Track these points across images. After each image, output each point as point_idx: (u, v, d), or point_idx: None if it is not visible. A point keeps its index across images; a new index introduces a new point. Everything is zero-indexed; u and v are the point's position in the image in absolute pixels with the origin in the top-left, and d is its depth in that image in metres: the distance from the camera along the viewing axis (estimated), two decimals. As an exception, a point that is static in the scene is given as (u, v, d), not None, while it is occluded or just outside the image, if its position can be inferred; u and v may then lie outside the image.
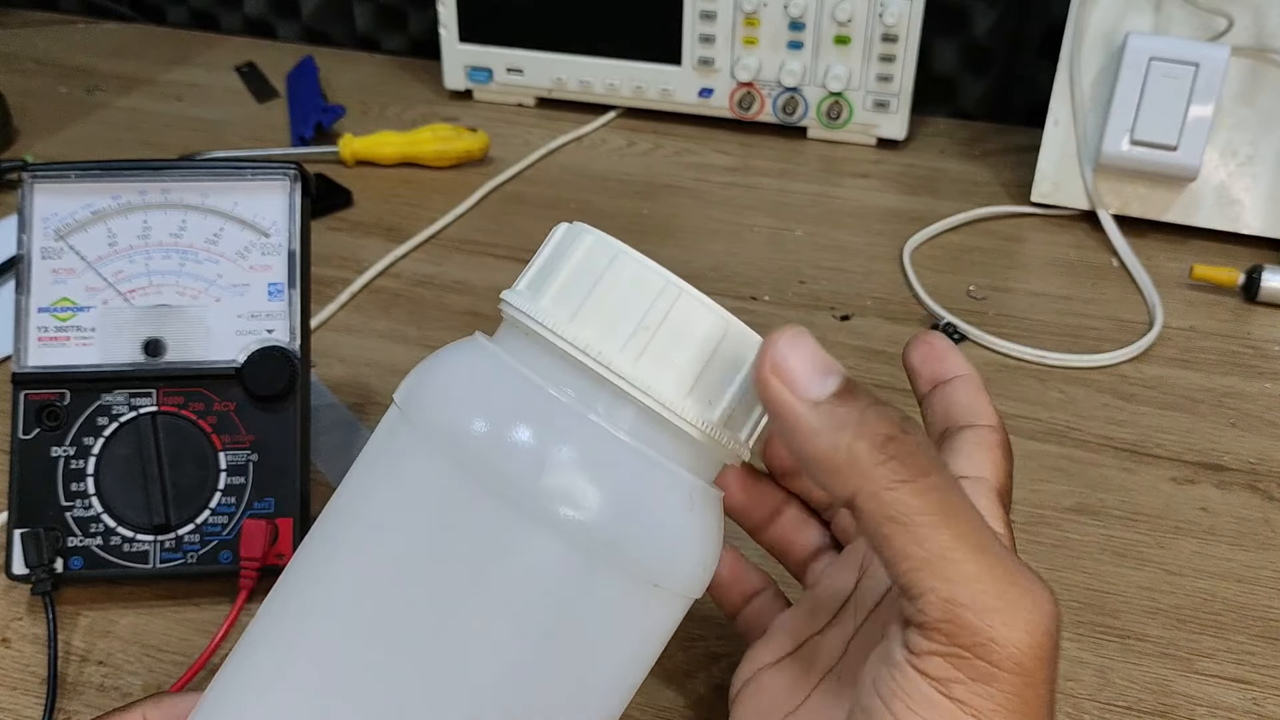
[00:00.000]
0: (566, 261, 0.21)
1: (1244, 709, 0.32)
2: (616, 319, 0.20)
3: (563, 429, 0.19)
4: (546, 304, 0.21)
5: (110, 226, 0.35)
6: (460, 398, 0.20)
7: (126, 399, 0.35)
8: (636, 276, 0.20)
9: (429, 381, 0.21)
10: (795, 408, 0.18)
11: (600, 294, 0.20)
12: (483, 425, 0.19)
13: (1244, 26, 0.52)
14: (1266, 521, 0.39)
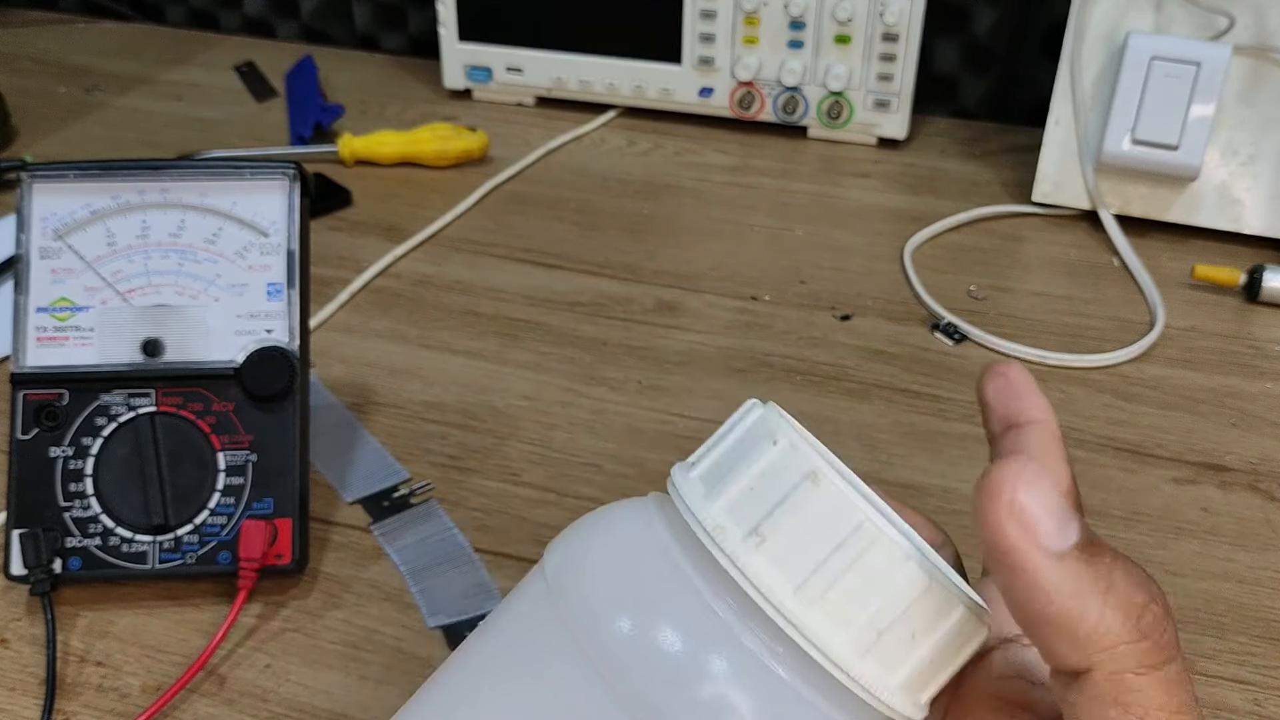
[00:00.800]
0: (750, 463, 0.17)
1: (1245, 710, 0.32)
2: (796, 551, 0.17)
3: (714, 650, 0.16)
4: (718, 511, 0.17)
5: (109, 226, 0.35)
6: (612, 592, 0.17)
7: (125, 399, 0.35)
8: (831, 503, 0.17)
9: (582, 560, 0.18)
10: (1035, 559, 0.15)
11: (782, 516, 0.17)
12: (628, 626, 0.17)
13: (1245, 26, 0.52)
14: (1268, 522, 0.39)
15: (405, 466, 0.41)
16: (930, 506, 0.39)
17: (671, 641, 0.16)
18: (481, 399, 0.44)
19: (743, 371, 0.46)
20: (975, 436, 0.43)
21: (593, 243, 0.55)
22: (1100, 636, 0.15)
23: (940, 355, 0.47)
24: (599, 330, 0.49)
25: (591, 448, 0.42)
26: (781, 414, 0.18)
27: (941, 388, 0.45)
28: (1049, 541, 0.15)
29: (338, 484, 0.40)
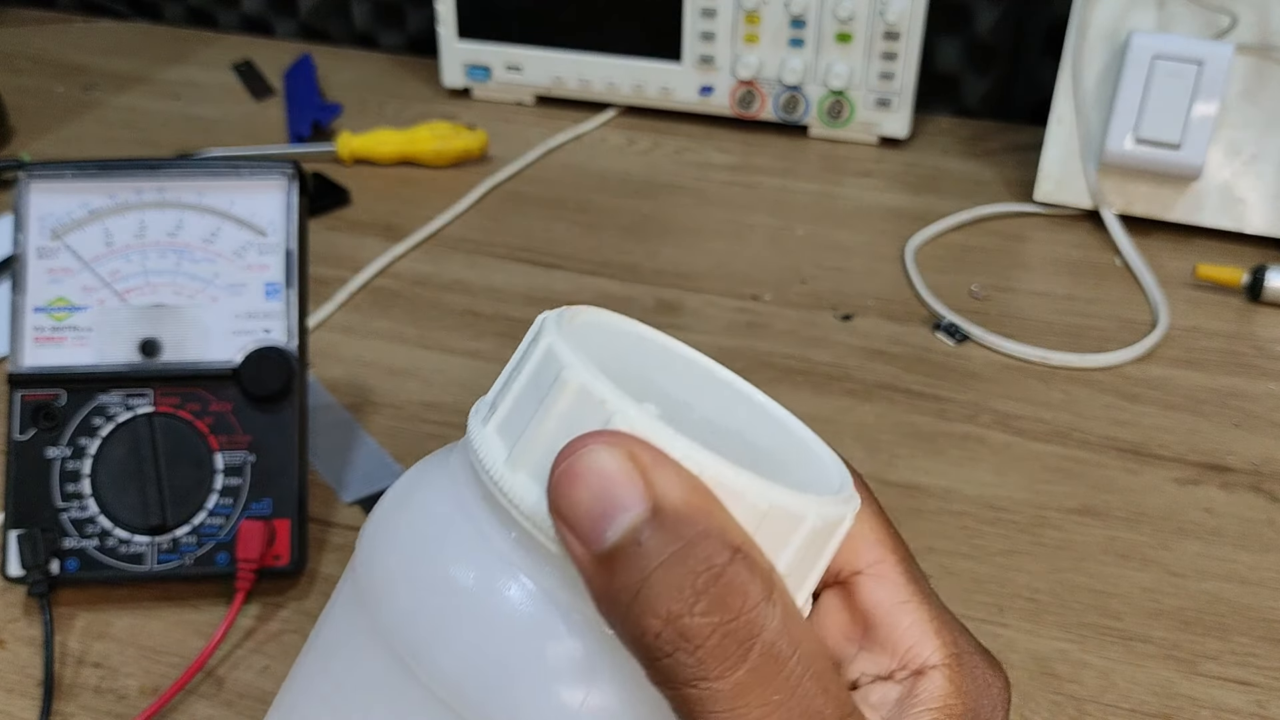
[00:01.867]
0: (514, 378, 0.16)
1: (1248, 711, 0.32)
2: (515, 418, 0.16)
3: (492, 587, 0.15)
4: (490, 433, 0.16)
5: (107, 226, 0.35)
6: (396, 566, 0.17)
7: (123, 399, 0.34)
8: (578, 397, 0.15)
9: (376, 544, 0.17)
10: (584, 564, 0.14)
11: (538, 424, 0.15)
12: (408, 592, 0.16)
13: (1248, 24, 0.51)
14: (1270, 523, 0.39)
15: (404, 466, 0.40)
16: (931, 507, 0.39)
17: (451, 578, 0.16)
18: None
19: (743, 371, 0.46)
20: (977, 437, 0.42)
21: (593, 242, 0.55)
22: (633, 643, 0.13)
23: (942, 355, 0.47)
24: (599, 330, 0.48)
25: (591, 448, 0.42)
26: (552, 323, 0.16)
27: (943, 388, 0.45)
28: (592, 545, 0.13)
29: (336, 484, 0.40)
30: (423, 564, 0.16)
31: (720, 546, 0.13)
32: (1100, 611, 0.35)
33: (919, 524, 0.38)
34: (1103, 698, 0.32)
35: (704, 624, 0.13)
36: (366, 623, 0.17)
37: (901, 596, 0.18)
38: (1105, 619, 0.35)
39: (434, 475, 0.18)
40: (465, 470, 0.17)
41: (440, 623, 0.16)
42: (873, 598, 0.17)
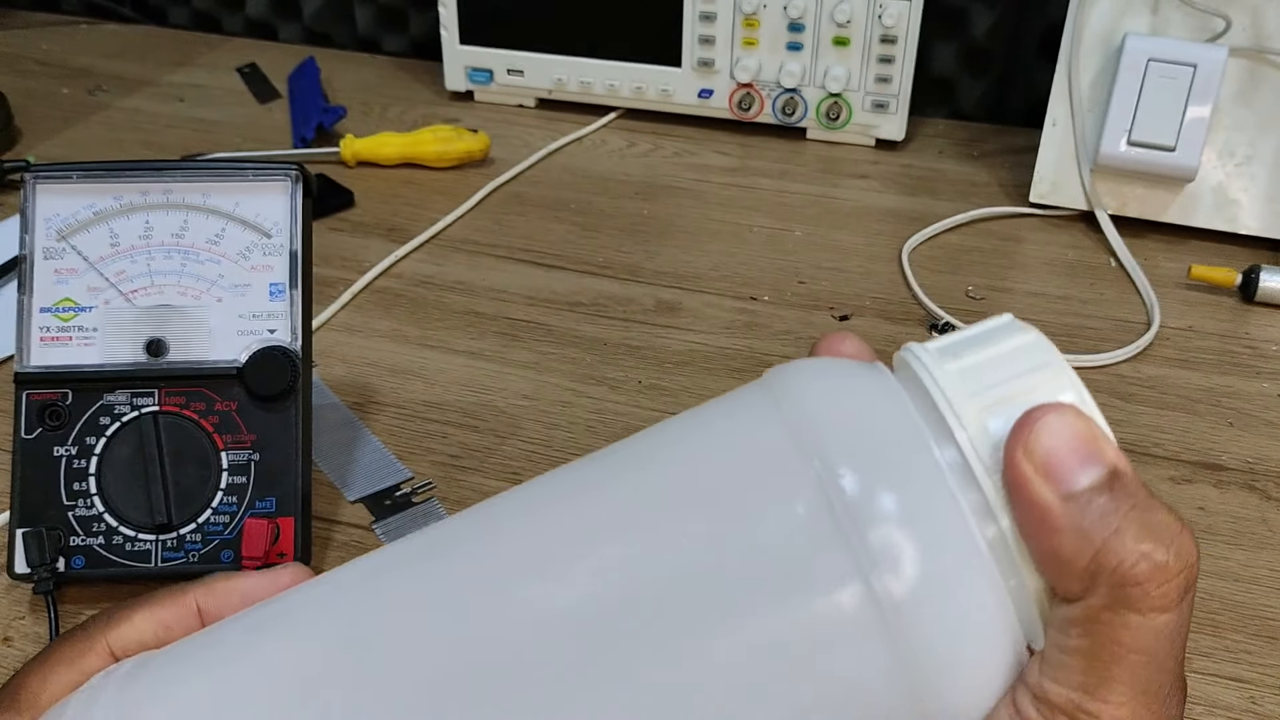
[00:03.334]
0: (993, 346, 0.18)
1: (1242, 707, 0.32)
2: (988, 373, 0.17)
3: (923, 492, 0.16)
4: (948, 370, 0.18)
5: (112, 227, 0.35)
6: (839, 404, 0.18)
7: (128, 399, 0.35)
8: (1035, 347, 0.18)
9: (813, 379, 0.19)
10: (1046, 497, 0.15)
11: (1011, 383, 0.17)
12: (845, 434, 0.17)
13: (1241, 28, 0.52)
14: (1264, 521, 0.39)
15: (407, 465, 0.41)
16: (928, 505, 0.39)
17: (887, 466, 0.17)
18: (482, 398, 0.45)
19: (742, 371, 0.46)
20: (973, 436, 0.43)
21: (593, 243, 0.56)
22: (1093, 574, 0.15)
23: (938, 355, 0.48)
24: (599, 330, 0.49)
25: (592, 447, 0.42)
26: (1030, 329, 0.19)
27: (939, 387, 0.45)
28: (1062, 484, 0.15)
29: (340, 483, 0.40)
30: (863, 429, 0.17)
31: (1171, 516, 0.16)
32: (1094, 608, 0.36)
33: (915, 522, 0.39)
34: (1096, 693, 0.33)
35: (1176, 565, 0.16)
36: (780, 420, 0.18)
37: None
38: (1099, 616, 0.35)
39: (869, 377, 0.19)
40: (910, 386, 0.18)
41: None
42: None
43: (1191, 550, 0.16)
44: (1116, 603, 0.15)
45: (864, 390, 0.18)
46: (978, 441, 0.17)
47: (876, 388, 0.18)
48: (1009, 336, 0.18)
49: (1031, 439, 0.16)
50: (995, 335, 0.19)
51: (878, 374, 0.19)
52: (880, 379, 0.19)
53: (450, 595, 0.18)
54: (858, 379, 0.19)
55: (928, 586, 0.16)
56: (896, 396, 0.18)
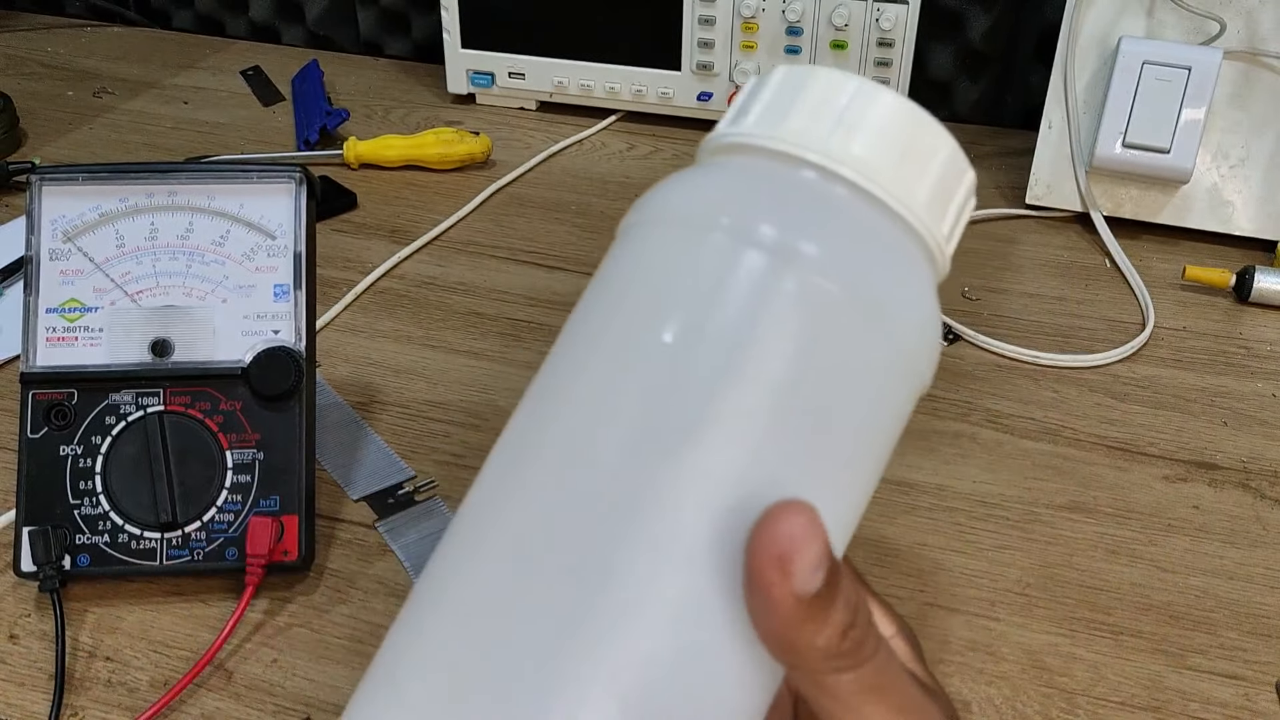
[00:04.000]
0: (765, 89, 0.20)
1: (1236, 704, 0.33)
2: (817, 116, 0.19)
3: (813, 204, 0.19)
4: (750, 121, 0.20)
5: (118, 228, 0.36)
6: (706, 198, 0.19)
7: (134, 398, 0.35)
8: (831, 81, 0.20)
9: (665, 187, 0.20)
10: (784, 602, 0.17)
11: (800, 102, 0.19)
12: (721, 194, 0.19)
13: (1236, 30, 0.52)
14: (1258, 519, 0.39)
15: (410, 464, 0.41)
16: (924, 503, 0.40)
17: (780, 204, 0.19)
18: (484, 398, 0.45)
19: (741, 372, 0.47)
20: (968, 435, 0.43)
21: (594, 244, 0.56)
22: (805, 652, 0.18)
23: (935, 356, 0.48)
24: (599, 331, 0.49)
25: (591, 446, 0.42)
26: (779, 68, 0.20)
27: (935, 387, 0.45)
28: (801, 586, 0.17)
29: (343, 481, 0.40)
30: None
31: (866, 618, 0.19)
32: (1090, 606, 0.36)
33: (912, 520, 0.39)
34: (1092, 690, 0.33)
35: (862, 630, 0.19)
36: None
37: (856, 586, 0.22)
38: (1095, 613, 0.36)
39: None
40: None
41: None
42: None
43: (868, 608, 0.19)
44: (829, 670, 0.18)
45: (701, 172, 0.20)
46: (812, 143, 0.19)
47: (706, 168, 0.20)
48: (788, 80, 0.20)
49: (783, 551, 0.17)
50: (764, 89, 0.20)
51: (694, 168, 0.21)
52: (699, 169, 0.20)
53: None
54: (683, 174, 0.20)
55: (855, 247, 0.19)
56: (733, 164, 0.20)
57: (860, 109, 0.19)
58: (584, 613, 0.17)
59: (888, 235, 0.19)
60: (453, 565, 0.19)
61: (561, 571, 0.17)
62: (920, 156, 0.19)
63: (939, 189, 0.20)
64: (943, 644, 0.35)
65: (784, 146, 0.19)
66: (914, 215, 0.19)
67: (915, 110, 0.19)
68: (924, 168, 0.19)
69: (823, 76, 0.20)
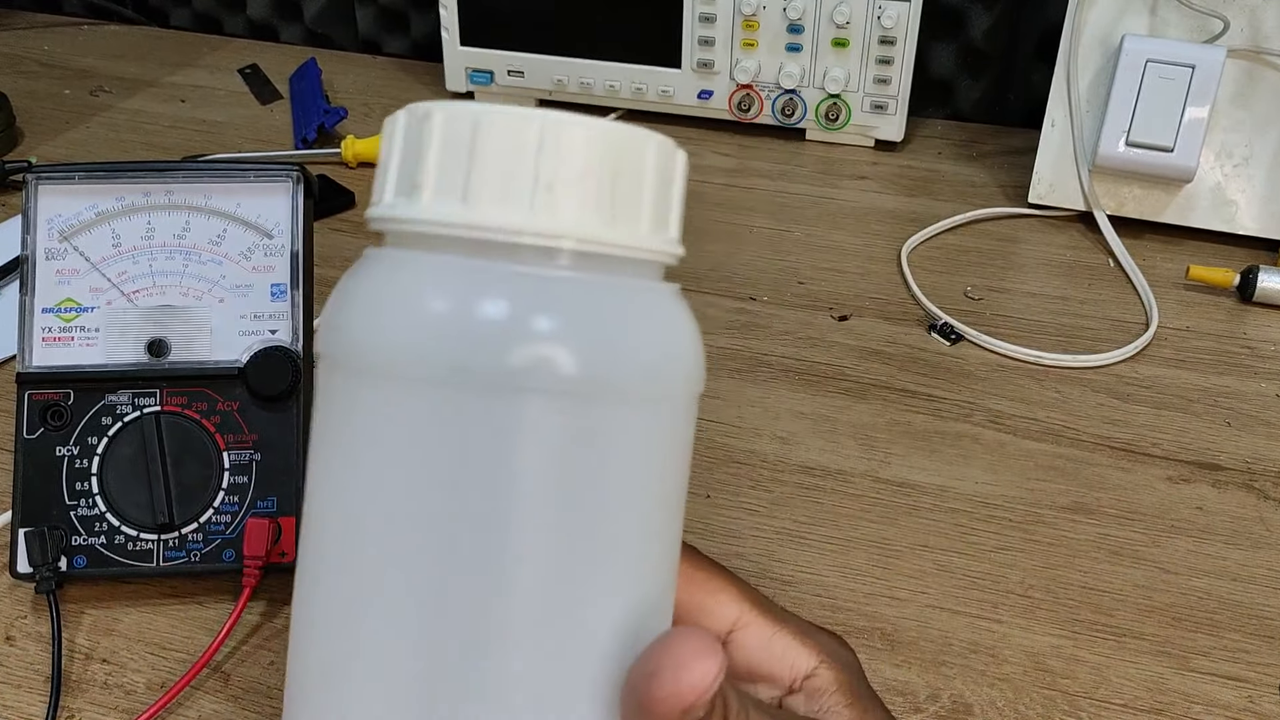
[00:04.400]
0: (429, 148, 0.18)
1: (1240, 706, 0.33)
2: (509, 183, 0.17)
3: (504, 292, 0.17)
4: (428, 200, 0.18)
5: (114, 227, 0.36)
6: (394, 318, 0.18)
7: (130, 399, 0.35)
8: (509, 129, 0.17)
9: (347, 312, 0.19)
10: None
11: (481, 166, 0.17)
12: (422, 333, 0.17)
13: (1239, 29, 0.52)
14: (1261, 520, 0.39)
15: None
16: (926, 504, 0.40)
17: (470, 314, 0.17)
18: (482, 399, 0.45)
19: (741, 371, 0.46)
20: (970, 435, 0.43)
21: (593, 244, 0.56)
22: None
23: (936, 355, 0.48)
24: (599, 331, 0.49)
25: (591, 447, 0.42)
26: (425, 105, 0.18)
27: (937, 387, 0.46)
28: (685, 715, 0.17)
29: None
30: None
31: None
32: (1093, 608, 0.36)
33: (914, 521, 0.39)
34: (1095, 693, 0.33)
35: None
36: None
37: (767, 633, 0.22)
38: (1098, 615, 0.35)
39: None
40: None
41: None
42: (748, 647, 0.21)
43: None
44: None
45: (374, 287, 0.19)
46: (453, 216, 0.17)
47: (395, 276, 0.19)
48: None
49: (675, 689, 0.17)
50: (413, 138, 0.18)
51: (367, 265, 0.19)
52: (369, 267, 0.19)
53: None
54: (375, 292, 0.19)
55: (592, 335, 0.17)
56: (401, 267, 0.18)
57: (553, 155, 0.17)
58: None
59: (625, 289, 0.18)
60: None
61: None
62: (631, 181, 0.18)
63: (659, 203, 0.18)
64: (945, 646, 0.34)
65: (489, 235, 0.17)
66: (647, 250, 0.18)
67: (608, 130, 0.17)
68: (639, 191, 0.18)
69: (496, 124, 0.17)
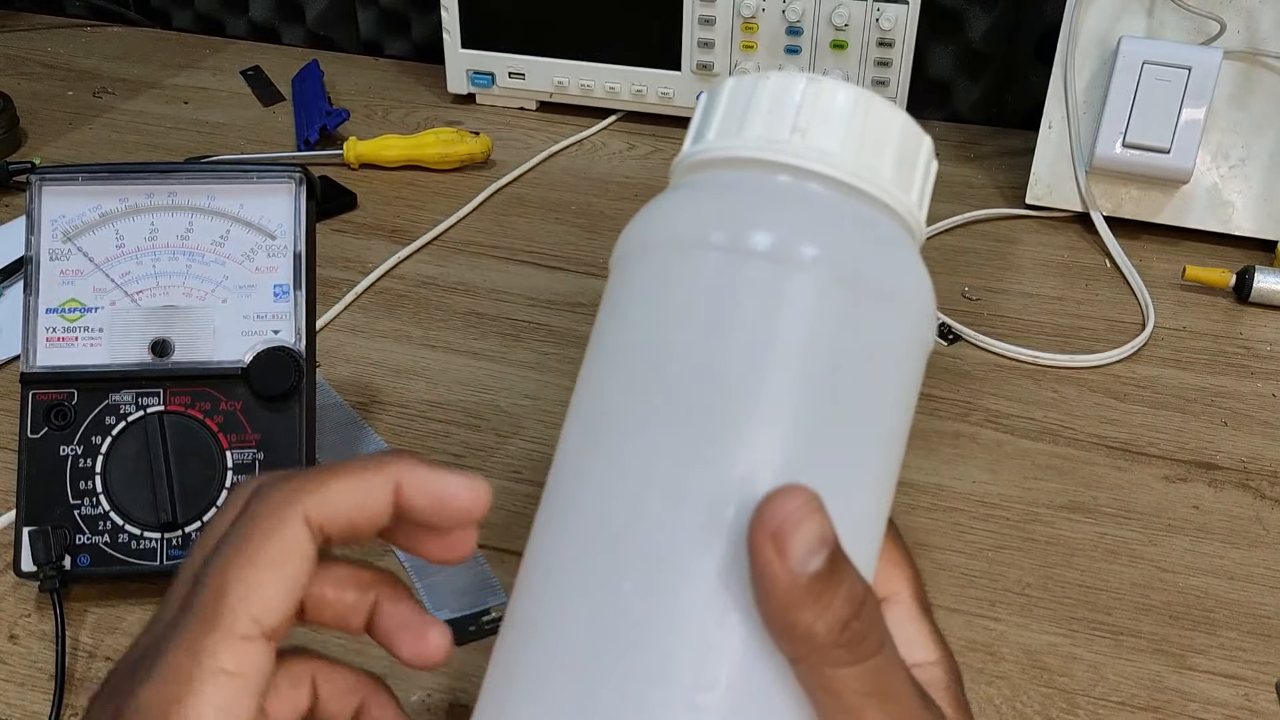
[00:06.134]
0: (717, 103, 0.21)
1: (1236, 704, 0.33)
2: (781, 117, 0.20)
3: (794, 204, 0.20)
4: (715, 134, 0.21)
5: (118, 228, 0.36)
6: (693, 218, 0.20)
7: (134, 398, 0.35)
8: (777, 82, 0.21)
9: (649, 219, 0.21)
10: (781, 580, 0.18)
11: (755, 106, 0.21)
12: (724, 230, 0.20)
13: (1236, 30, 0.52)
14: (1258, 519, 0.39)
15: (408, 465, 0.41)
16: (924, 503, 0.40)
17: (764, 212, 0.20)
18: (484, 398, 0.45)
19: (740, 372, 0.47)
20: (968, 435, 0.43)
21: (594, 244, 0.56)
22: (805, 639, 0.18)
23: (934, 355, 0.47)
24: (599, 331, 0.49)
25: (591, 446, 0.42)
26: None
27: (935, 387, 0.46)
28: (797, 566, 0.18)
29: (342, 482, 0.40)
30: None
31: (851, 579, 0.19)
32: (1090, 606, 0.36)
33: (912, 520, 0.39)
34: (1092, 691, 0.33)
35: (867, 622, 0.19)
36: None
37: (908, 614, 0.23)
38: (1095, 613, 0.36)
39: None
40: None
41: None
42: (887, 620, 0.22)
43: (878, 603, 0.19)
44: (830, 662, 0.18)
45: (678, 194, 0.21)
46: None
47: (683, 189, 0.21)
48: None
49: (780, 529, 0.18)
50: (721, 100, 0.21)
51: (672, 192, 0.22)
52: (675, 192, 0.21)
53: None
54: (664, 199, 0.21)
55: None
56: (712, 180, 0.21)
57: (813, 104, 0.20)
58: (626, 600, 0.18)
59: (868, 217, 0.20)
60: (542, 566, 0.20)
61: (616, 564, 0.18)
62: (878, 136, 0.21)
63: (901, 162, 0.21)
64: (942, 644, 0.35)
65: (752, 153, 0.20)
66: (885, 192, 0.20)
67: (864, 94, 0.21)
68: (883, 146, 0.21)
69: (771, 80, 0.21)
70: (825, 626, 0.18)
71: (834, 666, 0.18)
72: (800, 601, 0.18)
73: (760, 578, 0.18)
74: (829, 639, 0.18)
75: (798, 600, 0.18)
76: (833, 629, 0.18)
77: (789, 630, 0.18)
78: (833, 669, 0.18)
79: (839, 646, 0.18)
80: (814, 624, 0.18)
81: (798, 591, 0.17)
